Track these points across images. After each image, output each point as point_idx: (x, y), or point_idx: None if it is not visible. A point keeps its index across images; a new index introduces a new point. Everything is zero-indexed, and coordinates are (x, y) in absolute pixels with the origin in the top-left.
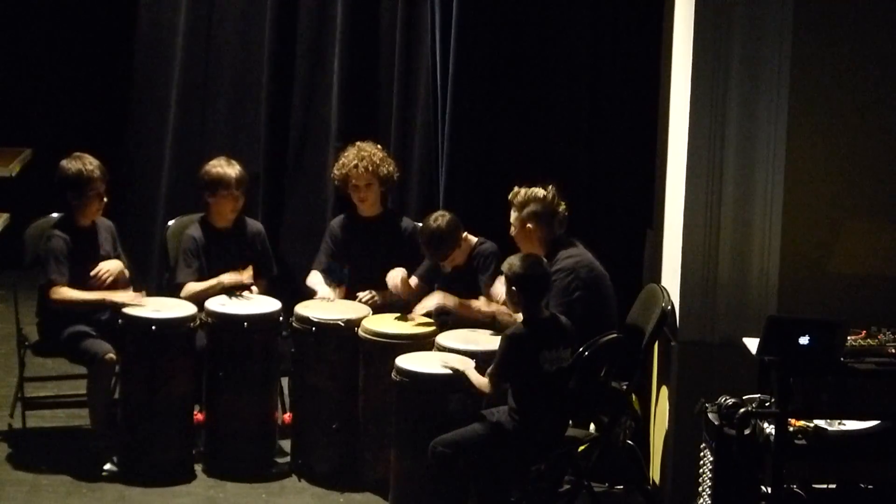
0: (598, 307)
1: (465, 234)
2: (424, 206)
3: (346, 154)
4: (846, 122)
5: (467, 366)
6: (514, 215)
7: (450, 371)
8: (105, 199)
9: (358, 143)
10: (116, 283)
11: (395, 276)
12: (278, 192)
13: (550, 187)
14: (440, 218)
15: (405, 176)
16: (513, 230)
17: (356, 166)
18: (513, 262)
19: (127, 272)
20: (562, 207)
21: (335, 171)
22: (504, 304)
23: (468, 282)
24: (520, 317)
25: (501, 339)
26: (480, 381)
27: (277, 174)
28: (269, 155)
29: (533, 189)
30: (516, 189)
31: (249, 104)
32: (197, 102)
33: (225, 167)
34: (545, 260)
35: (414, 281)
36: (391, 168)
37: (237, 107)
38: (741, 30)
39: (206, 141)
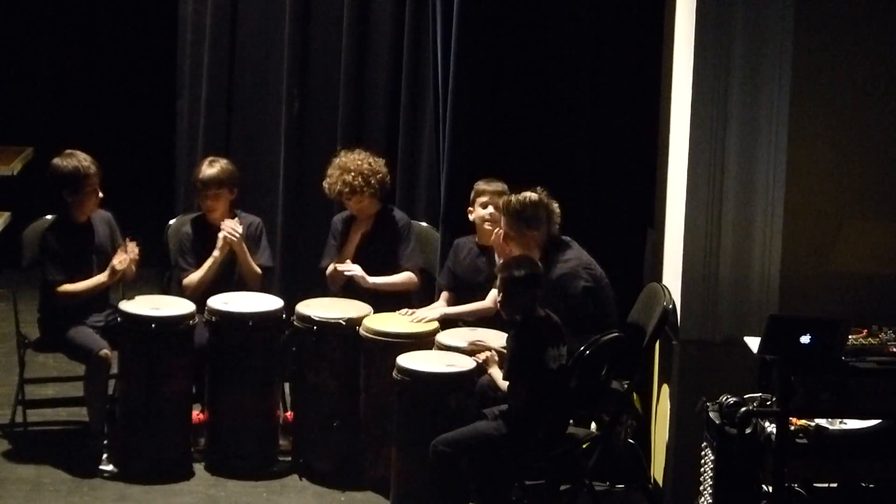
0: (600, 307)
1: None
2: (430, 207)
3: (330, 172)
4: (847, 121)
5: (492, 364)
6: (508, 222)
7: (463, 368)
8: (101, 194)
9: (342, 156)
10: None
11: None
12: (289, 193)
13: (540, 189)
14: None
15: (412, 179)
16: (504, 236)
17: (340, 193)
18: (510, 264)
19: (134, 267)
20: (555, 206)
21: (325, 188)
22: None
23: None
24: None
25: (509, 339)
26: (502, 382)
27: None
28: (282, 159)
29: (525, 194)
30: (507, 198)
31: (271, 105)
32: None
33: (205, 170)
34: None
35: (445, 295)
36: (379, 177)
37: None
38: (742, 29)
39: (230, 141)
